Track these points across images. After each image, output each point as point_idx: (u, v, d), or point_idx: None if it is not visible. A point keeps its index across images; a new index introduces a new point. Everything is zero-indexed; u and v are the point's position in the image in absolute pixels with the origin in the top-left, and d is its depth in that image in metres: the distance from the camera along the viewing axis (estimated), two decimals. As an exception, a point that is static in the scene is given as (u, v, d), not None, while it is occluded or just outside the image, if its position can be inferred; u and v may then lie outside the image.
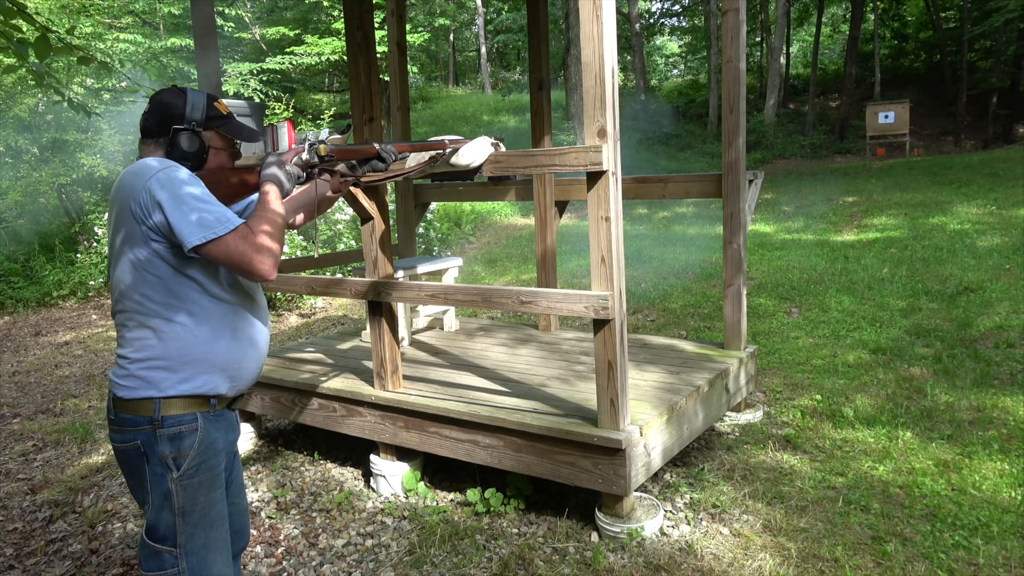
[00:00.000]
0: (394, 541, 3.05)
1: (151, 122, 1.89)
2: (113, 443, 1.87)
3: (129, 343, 1.82)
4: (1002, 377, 4.50)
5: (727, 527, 3.00)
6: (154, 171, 1.75)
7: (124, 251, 1.79)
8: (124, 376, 1.81)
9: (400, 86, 4.86)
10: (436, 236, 10.16)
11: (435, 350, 4.34)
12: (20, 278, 9.70)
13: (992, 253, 7.95)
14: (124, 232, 1.78)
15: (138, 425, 1.80)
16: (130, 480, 1.89)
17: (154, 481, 1.81)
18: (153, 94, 1.95)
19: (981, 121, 19.76)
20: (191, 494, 1.83)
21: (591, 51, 2.63)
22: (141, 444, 1.80)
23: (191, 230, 1.71)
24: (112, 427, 1.86)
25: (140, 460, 1.81)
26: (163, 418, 1.79)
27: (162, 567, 1.82)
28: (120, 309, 1.84)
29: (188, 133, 1.88)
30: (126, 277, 1.79)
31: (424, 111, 23.52)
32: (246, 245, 1.75)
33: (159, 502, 1.81)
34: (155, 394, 1.79)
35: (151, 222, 1.74)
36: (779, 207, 12.96)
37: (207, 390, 1.84)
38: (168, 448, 1.80)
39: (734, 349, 3.98)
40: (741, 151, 3.77)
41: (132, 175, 1.78)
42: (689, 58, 31.09)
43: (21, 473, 4.10)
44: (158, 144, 1.89)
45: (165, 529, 1.81)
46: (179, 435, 1.81)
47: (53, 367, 6.41)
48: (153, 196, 1.73)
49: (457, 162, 2.89)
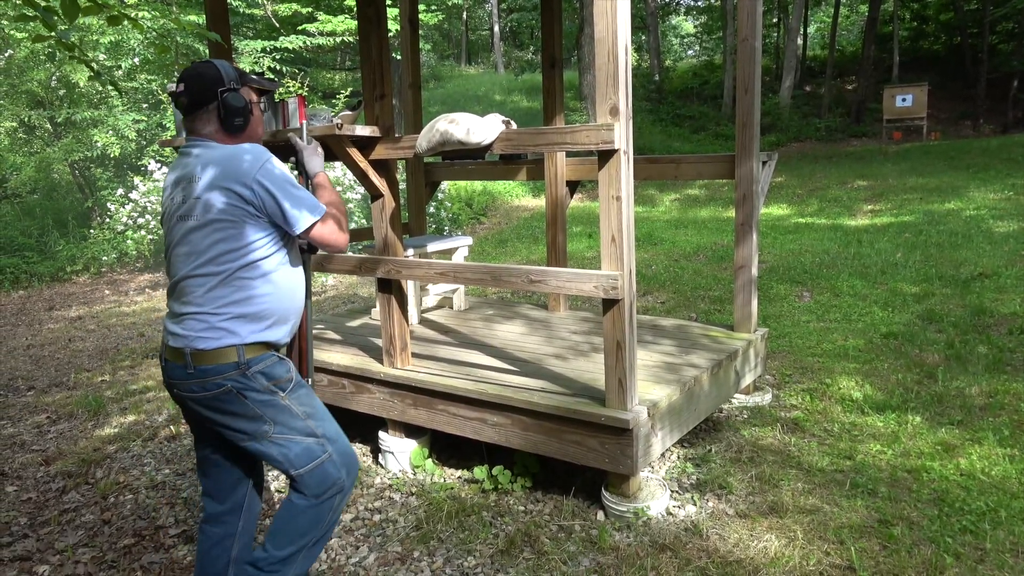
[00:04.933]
0: (401, 516, 3.08)
1: (196, 93, 2.09)
2: (192, 395, 2.06)
3: (210, 301, 2.03)
4: (1015, 363, 4.46)
5: (733, 508, 3.00)
6: (262, 160, 2.04)
7: (217, 221, 2.02)
8: (204, 330, 2.02)
9: (412, 64, 4.82)
10: (447, 216, 10.16)
11: (444, 328, 4.35)
12: (34, 253, 9.79)
13: (1008, 239, 7.86)
14: (222, 206, 2.01)
15: (223, 372, 2.02)
16: (225, 420, 2.08)
17: (265, 408, 2.06)
18: (182, 73, 2.14)
19: (1001, 105, 19.45)
20: (306, 400, 2.15)
21: (604, 27, 2.59)
22: (232, 388, 2.03)
23: (298, 217, 2.05)
24: (191, 380, 2.04)
25: (236, 401, 2.04)
26: (248, 360, 2.04)
27: (314, 456, 2.11)
28: (200, 272, 2.04)
29: (233, 93, 2.11)
30: (215, 243, 2.03)
31: (436, 90, 23.40)
32: (333, 225, 2.14)
33: (282, 418, 2.08)
34: (237, 341, 2.03)
35: (259, 204, 2.03)
36: (793, 190, 12.86)
37: (275, 338, 2.13)
38: (264, 380, 2.07)
39: (744, 332, 3.97)
40: (755, 132, 3.72)
41: (233, 159, 2.04)
42: (705, 38, 30.70)
43: (35, 445, 4.16)
44: (208, 112, 2.11)
45: (302, 430, 2.10)
46: (267, 368, 2.08)
47: (67, 341, 6.48)
48: (263, 184, 2.02)
49: (468, 139, 2.88)
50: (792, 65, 21.09)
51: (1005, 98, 19.33)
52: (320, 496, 2.12)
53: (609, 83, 2.62)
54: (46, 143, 10.69)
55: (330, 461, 2.13)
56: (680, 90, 24.30)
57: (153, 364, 5.59)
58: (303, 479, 2.10)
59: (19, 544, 3.05)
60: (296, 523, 2.12)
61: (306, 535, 2.13)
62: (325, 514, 2.15)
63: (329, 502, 2.14)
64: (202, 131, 2.13)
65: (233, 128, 2.13)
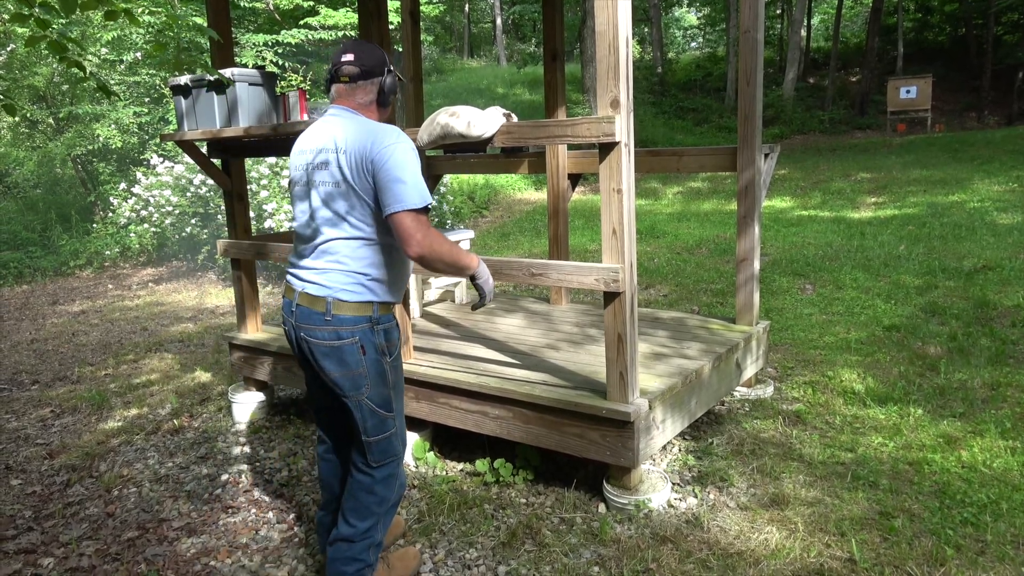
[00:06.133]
0: (404, 509, 3.09)
1: (367, 64, 2.28)
2: (320, 341, 2.25)
3: (356, 260, 2.23)
4: (1018, 355, 4.45)
5: (734, 500, 3.01)
6: (399, 140, 2.17)
7: (354, 188, 2.18)
8: (350, 284, 2.24)
9: (413, 57, 4.80)
10: (449, 209, 10.14)
11: (446, 322, 4.35)
12: (37, 248, 9.81)
13: (1012, 231, 7.84)
14: (358, 174, 2.16)
15: (358, 323, 2.24)
16: (337, 372, 2.26)
17: (372, 366, 2.28)
18: (348, 45, 2.31)
19: (1006, 97, 19.35)
20: (398, 373, 2.40)
21: (605, 19, 2.59)
22: (359, 340, 2.25)
23: (393, 200, 2.14)
24: (326, 327, 2.24)
25: (355, 353, 2.25)
26: (379, 317, 2.29)
27: (387, 429, 2.34)
28: (339, 227, 2.22)
29: (391, 73, 2.33)
30: (352, 207, 2.20)
31: (438, 83, 23.35)
32: (424, 225, 2.17)
33: (377, 381, 2.29)
34: (374, 299, 2.27)
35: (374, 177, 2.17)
36: (796, 183, 12.82)
37: (394, 299, 2.36)
38: (383, 339, 2.30)
39: (746, 324, 3.96)
40: (757, 124, 3.71)
41: (381, 133, 2.17)
42: (708, 30, 30.57)
43: (40, 438, 4.18)
44: (372, 84, 2.30)
45: (386, 401, 2.33)
46: (388, 330, 2.33)
47: (70, 336, 6.50)
48: (384, 160, 2.14)
49: (468, 132, 2.87)
50: (796, 57, 21.00)
51: (1010, 90, 19.23)
52: (379, 464, 2.35)
53: (610, 75, 2.61)
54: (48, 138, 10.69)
55: (395, 435, 2.38)
56: (683, 82, 24.21)
57: (156, 357, 5.60)
58: (371, 446, 2.33)
59: (24, 537, 3.07)
60: (368, 498, 2.36)
61: (382, 504, 2.39)
62: (391, 484, 2.40)
63: (389, 474, 2.38)
64: (358, 101, 2.30)
65: (386, 103, 2.35)
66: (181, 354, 5.67)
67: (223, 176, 4.13)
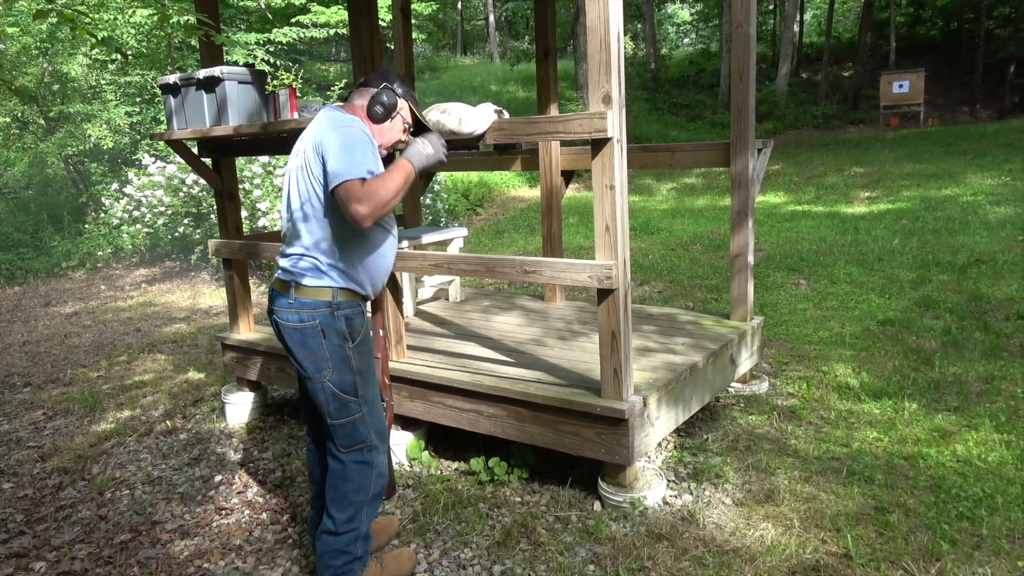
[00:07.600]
0: (398, 509, 3.07)
1: (370, 77, 2.50)
2: (285, 323, 2.35)
3: (315, 246, 2.32)
4: (1012, 349, 4.46)
5: (729, 497, 3.00)
6: (348, 123, 2.30)
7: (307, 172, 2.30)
8: (309, 269, 2.32)
9: (404, 54, 4.78)
10: (443, 207, 10.11)
11: (440, 320, 4.34)
12: (29, 249, 9.75)
13: (1005, 224, 7.86)
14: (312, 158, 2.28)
15: (317, 307, 2.32)
16: (300, 353, 2.36)
17: (333, 351, 2.34)
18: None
19: (998, 91, 19.40)
20: (364, 359, 2.42)
21: (596, 14, 2.57)
22: (319, 324, 2.32)
23: (335, 174, 2.22)
24: (289, 310, 2.34)
25: (316, 336, 2.32)
26: (339, 303, 2.34)
27: (351, 413, 2.39)
28: (303, 216, 2.32)
29: (390, 92, 2.45)
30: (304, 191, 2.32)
31: (431, 81, 23.28)
32: (361, 192, 2.20)
33: (340, 366, 2.35)
34: (333, 284, 2.34)
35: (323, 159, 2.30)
36: (790, 178, 12.83)
37: (359, 288, 2.40)
38: (344, 325, 2.35)
39: (740, 320, 3.96)
40: (750, 119, 3.70)
41: (337, 120, 2.31)
42: (701, 26, 30.56)
43: (31, 441, 4.15)
44: (362, 93, 2.47)
45: (349, 386, 2.37)
46: (350, 316, 2.37)
47: (63, 337, 6.46)
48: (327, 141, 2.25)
49: (460, 129, 2.86)
50: (788, 52, 21.00)
51: (1002, 83, 19.27)
52: (348, 448, 2.40)
53: (602, 71, 2.59)
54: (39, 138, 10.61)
55: (361, 421, 2.41)
56: (676, 78, 24.20)
57: (149, 358, 5.57)
58: (335, 429, 2.39)
59: (15, 541, 3.05)
60: (344, 485, 2.40)
61: (359, 493, 2.41)
62: (366, 473, 2.43)
63: (361, 461, 2.42)
64: (353, 103, 2.46)
65: (375, 117, 2.44)
66: (174, 355, 5.64)
67: (214, 175, 4.10)
